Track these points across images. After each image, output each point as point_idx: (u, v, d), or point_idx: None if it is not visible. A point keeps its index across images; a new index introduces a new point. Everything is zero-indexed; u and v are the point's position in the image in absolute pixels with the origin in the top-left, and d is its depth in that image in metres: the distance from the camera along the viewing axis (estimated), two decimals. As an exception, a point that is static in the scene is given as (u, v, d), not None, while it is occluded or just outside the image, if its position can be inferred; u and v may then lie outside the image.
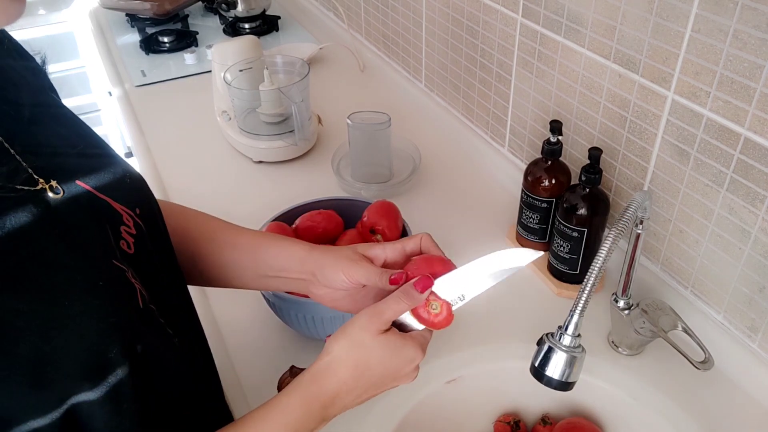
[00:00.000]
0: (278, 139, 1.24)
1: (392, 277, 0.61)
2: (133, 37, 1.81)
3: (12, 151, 0.44)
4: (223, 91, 1.30)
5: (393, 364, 0.59)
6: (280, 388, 0.65)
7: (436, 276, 0.61)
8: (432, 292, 0.60)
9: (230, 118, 1.30)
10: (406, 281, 0.60)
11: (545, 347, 0.70)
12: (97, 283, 0.45)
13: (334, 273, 0.64)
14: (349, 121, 1.14)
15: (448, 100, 1.34)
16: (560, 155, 0.93)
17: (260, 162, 1.26)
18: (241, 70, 1.28)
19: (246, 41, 1.34)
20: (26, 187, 0.44)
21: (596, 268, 0.67)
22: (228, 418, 0.73)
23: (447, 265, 0.62)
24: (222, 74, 1.25)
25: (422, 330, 0.62)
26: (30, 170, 0.45)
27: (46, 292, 0.42)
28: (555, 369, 0.69)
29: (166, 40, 1.77)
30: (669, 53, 0.78)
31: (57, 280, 0.43)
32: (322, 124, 1.33)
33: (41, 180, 0.45)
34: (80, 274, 0.45)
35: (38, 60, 0.56)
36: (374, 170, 1.18)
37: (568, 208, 0.88)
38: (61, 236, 0.45)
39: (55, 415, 0.42)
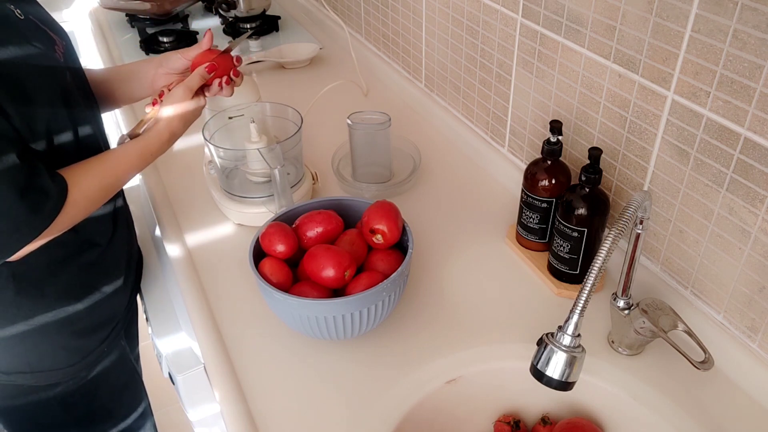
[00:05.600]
0: (261, 204, 1.09)
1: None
2: (133, 37, 1.81)
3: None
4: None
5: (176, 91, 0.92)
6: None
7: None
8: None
9: (214, 172, 1.14)
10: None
11: (545, 347, 0.70)
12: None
13: (173, 55, 0.99)
14: (349, 121, 1.14)
15: (448, 100, 1.34)
16: (560, 155, 0.94)
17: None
18: (230, 117, 1.11)
19: (242, 84, 1.11)
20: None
21: (596, 268, 0.67)
22: None
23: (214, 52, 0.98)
24: (204, 123, 1.08)
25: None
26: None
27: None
28: (555, 369, 0.69)
29: (166, 40, 1.77)
30: (669, 53, 0.78)
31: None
32: (318, 181, 1.18)
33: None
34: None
35: None
36: (374, 170, 1.18)
37: (568, 208, 0.88)
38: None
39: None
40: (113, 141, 0.99)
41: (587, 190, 0.87)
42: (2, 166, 0.72)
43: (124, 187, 0.95)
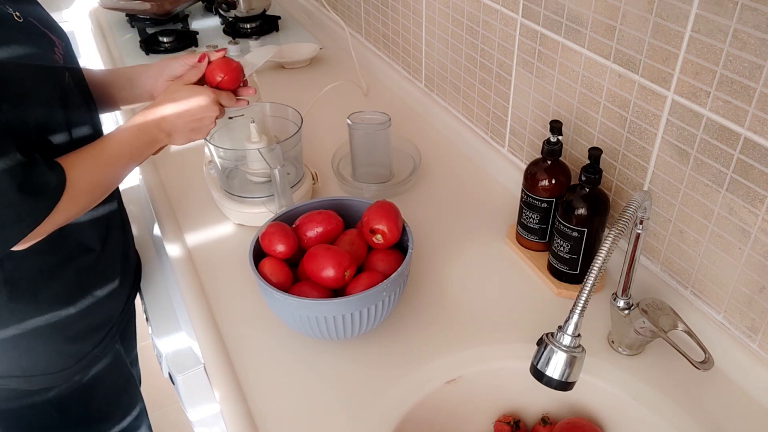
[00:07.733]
0: (261, 204, 1.09)
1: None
2: (133, 37, 1.81)
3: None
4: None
5: (190, 92, 0.91)
6: None
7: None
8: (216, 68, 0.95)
9: (214, 172, 1.14)
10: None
11: (545, 347, 0.70)
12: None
13: (175, 63, 0.98)
14: (349, 121, 1.14)
15: (448, 100, 1.34)
16: (560, 155, 0.94)
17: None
18: (231, 117, 1.10)
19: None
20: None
21: (596, 268, 0.67)
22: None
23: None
24: None
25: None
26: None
27: None
28: (555, 369, 0.69)
29: (166, 40, 1.77)
30: (669, 53, 0.78)
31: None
32: (318, 181, 1.18)
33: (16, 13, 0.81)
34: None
35: None
36: (374, 170, 1.18)
37: (568, 208, 0.88)
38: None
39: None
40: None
41: (587, 190, 0.87)
42: (10, 162, 0.72)
43: (122, 189, 0.95)
